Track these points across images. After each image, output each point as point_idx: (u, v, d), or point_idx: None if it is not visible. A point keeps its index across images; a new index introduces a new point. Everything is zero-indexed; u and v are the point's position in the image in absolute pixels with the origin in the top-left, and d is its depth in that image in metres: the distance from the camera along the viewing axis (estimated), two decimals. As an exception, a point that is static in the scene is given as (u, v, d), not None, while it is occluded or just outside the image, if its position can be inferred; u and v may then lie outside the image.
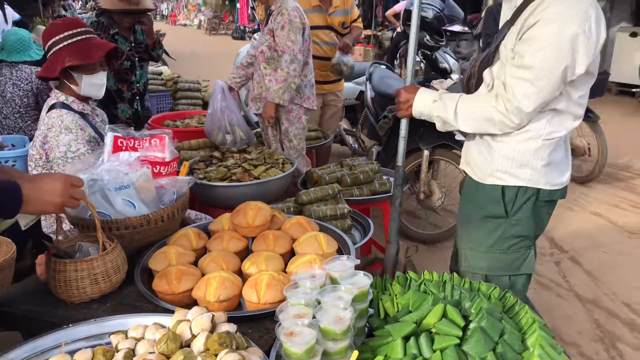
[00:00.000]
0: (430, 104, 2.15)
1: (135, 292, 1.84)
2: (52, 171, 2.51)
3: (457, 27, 10.67)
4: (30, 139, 3.28)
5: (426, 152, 4.23)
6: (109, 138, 2.25)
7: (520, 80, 1.88)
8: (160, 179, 2.20)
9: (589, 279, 4.00)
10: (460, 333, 1.40)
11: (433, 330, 1.44)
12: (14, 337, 1.92)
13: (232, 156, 3.57)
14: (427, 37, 4.23)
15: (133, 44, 4.10)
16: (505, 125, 1.97)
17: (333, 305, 1.44)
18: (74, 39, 2.43)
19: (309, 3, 4.69)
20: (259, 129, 4.37)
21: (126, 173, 2.04)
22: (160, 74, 6.36)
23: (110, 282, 1.81)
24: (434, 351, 1.36)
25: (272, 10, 3.79)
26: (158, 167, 2.22)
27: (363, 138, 5.45)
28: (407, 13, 4.37)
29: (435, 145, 4.23)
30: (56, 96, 2.51)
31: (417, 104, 2.20)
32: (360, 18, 5.06)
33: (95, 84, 2.51)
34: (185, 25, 30.08)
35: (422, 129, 4.22)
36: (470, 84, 2.20)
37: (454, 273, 1.75)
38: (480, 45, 9.92)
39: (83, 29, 2.47)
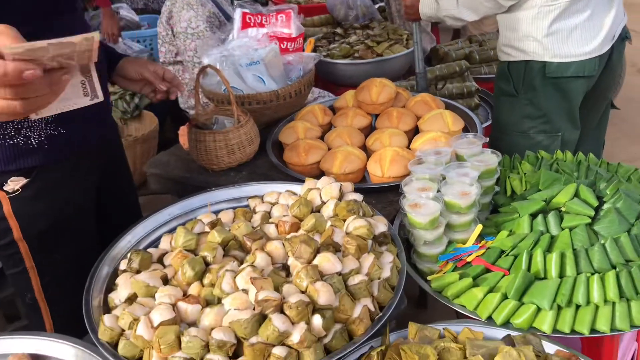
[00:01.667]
0: (435, 5, 2.13)
1: (267, 163, 1.97)
2: (180, 51, 2.64)
3: None
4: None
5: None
6: (237, 14, 2.30)
7: None
8: (287, 55, 2.24)
9: None
10: (592, 212, 1.35)
11: (563, 209, 1.41)
12: (166, 198, 2.18)
13: (354, 32, 3.51)
14: None
15: None
16: None
17: (459, 180, 1.45)
18: None
19: None
20: (382, 4, 4.20)
21: (255, 49, 2.10)
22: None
23: (245, 152, 1.94)
24: (562, 229, 1.34)
25: None
26: (285, 43, 2.24)
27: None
28: None
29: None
30: None
31: (423, 7, 2.19)
32: None
33: None
34: None
35: None
36: None
37: (590, 153, 1.66)
38: None
39: None
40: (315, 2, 4.39)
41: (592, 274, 1.20)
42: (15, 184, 1.35)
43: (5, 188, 1.36)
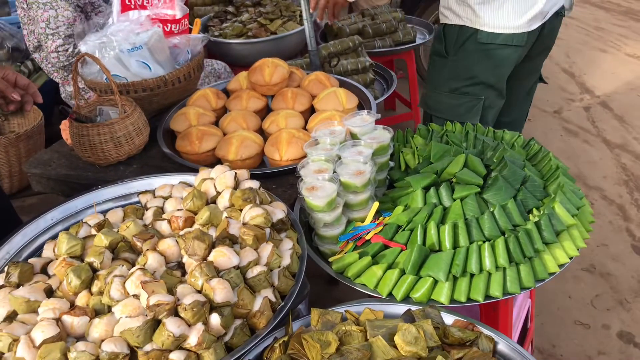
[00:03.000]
0: None
1: (159, 153, 1.87)
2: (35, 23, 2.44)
3: None
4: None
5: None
6: (115, -4, 2.14)
7: None
8: (173, 38, 2.12)
9: (619, 124, 3.92)
10: (481, 182, 1.40)
11: (454, 180, 1.45)
12: (51, 198, 2.02)
13: (246, 10, 3.41)
14: None
15: None
16: None
17: (353, 160, 1.45)
18: None
19: None
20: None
21: (137, 33, 1.97)
22: None
23: (134, 144, 1.83)
24: (454, 200, 1.37)
25: None
26: (169, 25, 2.12)
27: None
28: None
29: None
30: None
31: None
32: None
33: None
34: None
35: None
36: None
37: (477, 124, 1.72)
38: None
39: None
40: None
41: (484, 242, 1.25)
42: None
43: None
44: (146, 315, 1.04)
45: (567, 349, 2.17)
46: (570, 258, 1.27)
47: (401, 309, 1.17)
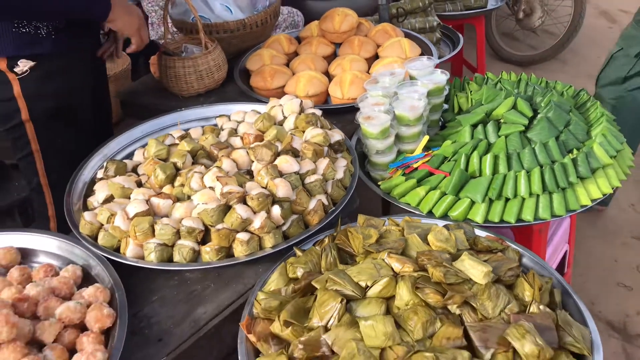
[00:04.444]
0: None
1: (236, 90, 2.07)
2: None
3: None
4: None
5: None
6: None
7: None
8: (254, -14, 2.30)
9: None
10: (526, 122, 1.50)
11: (501, 120, 1.56)
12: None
13: (324, -31, 3.54)
14: None
15: None
16: None
17: (409, 96, 1.58)
18: None
19: None
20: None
21: (222, -21, 2.16)
22: None
23: (214, 78, 2.04)
24: (499, 137, 1.49)
25: None
26: (251, -27, 2.31)
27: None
28: None
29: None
30: None
31: None
32: None
33: None
34: None
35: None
36: None
37: (532, 74, 1.80)
38: None
39: None
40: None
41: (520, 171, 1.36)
42: (24, 65, 1.47)
43: (15, 69, 1.47)
44: (220, 202, 1.24)
45: (606, 307, 2.23)
46: (604, 195, 1.36)
47: (439, 224, 1.32)
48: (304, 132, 1.50)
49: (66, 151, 1.62)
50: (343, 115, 1.87)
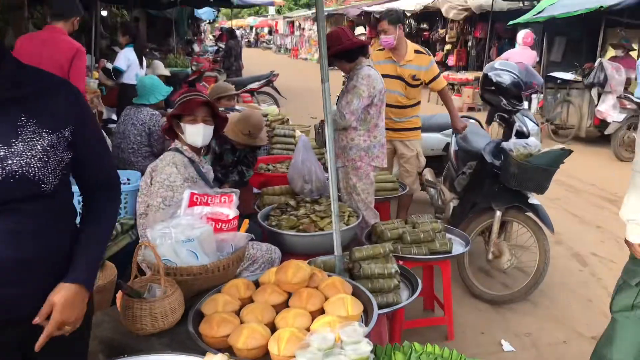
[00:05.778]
0: None
1: (187, 332, 2.21)
2: (151, 197, 3.00)
3: (568, 76, 10.40)
4: (142, 174, 3.82)
5: (498, 213, 4.29)
6: (186, 194, 2.69)
7: None
8: (223, 234, 2.59)
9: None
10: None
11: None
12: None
13: (304, 206, 3.92)
14: (504, 101, 4.34)
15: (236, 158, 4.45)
16: None
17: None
18: (185, 98, 3.11)
19: (383, 55, 5.11)
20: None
21: (193, 228, 2.45)
22: (266, 115, 6.69)
23: (168, 320, 2.20)
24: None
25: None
26: (220, 224, 2.61)
27: (444, 190, 5.57)
28: (485, 78, 4.51)
29: (509, 206, 4.29)
30: (174, 144, 3.21)
31: None
32: (441, 77, 5.23)
33: (195, 132, 3.12)
34: (305, 59, 31.56)
35: (497, 189, 4.30)
36: None
37: (454, 350, 1.93)
38: (592, 95, 9.59)
39: (194, 93, 3.19)
40: (281, 172, 4.88)
41: None
42: None
43: None
44: None
45: None
46: None
47: None
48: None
49: None
50: (278, 371, 1.97)
